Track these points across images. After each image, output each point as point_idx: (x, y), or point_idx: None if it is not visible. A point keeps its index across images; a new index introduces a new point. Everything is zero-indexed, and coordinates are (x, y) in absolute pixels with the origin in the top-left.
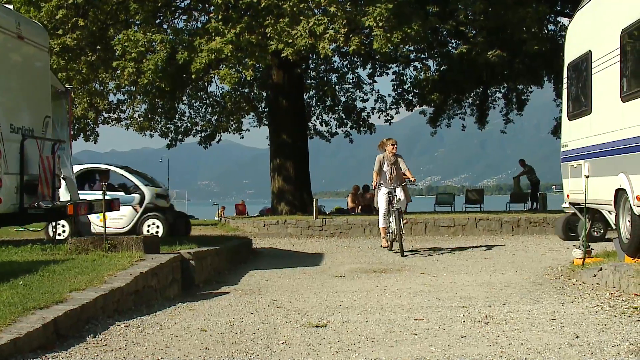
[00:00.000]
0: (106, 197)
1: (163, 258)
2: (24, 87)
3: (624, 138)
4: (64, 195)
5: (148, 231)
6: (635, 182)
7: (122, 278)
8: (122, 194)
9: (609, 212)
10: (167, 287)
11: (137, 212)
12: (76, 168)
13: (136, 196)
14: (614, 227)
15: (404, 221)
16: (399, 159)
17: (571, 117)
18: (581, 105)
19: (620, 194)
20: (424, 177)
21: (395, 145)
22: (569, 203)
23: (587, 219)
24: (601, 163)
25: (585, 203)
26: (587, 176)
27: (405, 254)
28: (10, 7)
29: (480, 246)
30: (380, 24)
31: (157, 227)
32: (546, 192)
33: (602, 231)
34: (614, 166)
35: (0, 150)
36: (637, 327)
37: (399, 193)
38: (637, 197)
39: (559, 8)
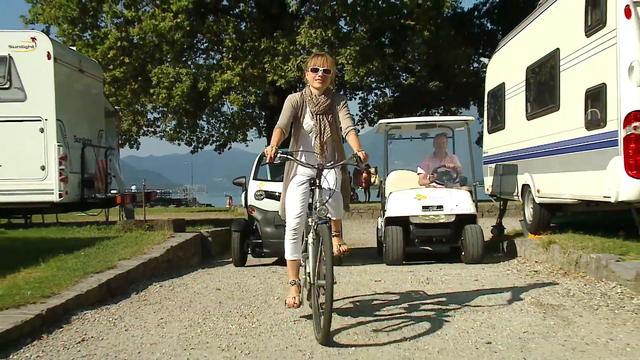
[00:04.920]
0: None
1: (188, 235)
2: (84, 108)
3: (528, 147)
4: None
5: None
6: (536, 179)
7: (157, 250)
8: None
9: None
10: (190, 257)
11: None
12: None
13: None
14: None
15: (343, 250)
16: (337, 107)
17: (490, 131)
18: (497, 123)
19: (525, 187)
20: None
21: (327, 72)
22: (489, 195)
23: (501, 206)
24: (512, 165)
25: (500, 195)
26: (502, 175)
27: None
28: (74, 48)
29: None
30: (350, 62)
31: None
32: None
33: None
34: (521, 168)
35: (67, 155)
36: (536, 285)
37: (333, 181)
38: (537, 190)
39: (481, 50)
